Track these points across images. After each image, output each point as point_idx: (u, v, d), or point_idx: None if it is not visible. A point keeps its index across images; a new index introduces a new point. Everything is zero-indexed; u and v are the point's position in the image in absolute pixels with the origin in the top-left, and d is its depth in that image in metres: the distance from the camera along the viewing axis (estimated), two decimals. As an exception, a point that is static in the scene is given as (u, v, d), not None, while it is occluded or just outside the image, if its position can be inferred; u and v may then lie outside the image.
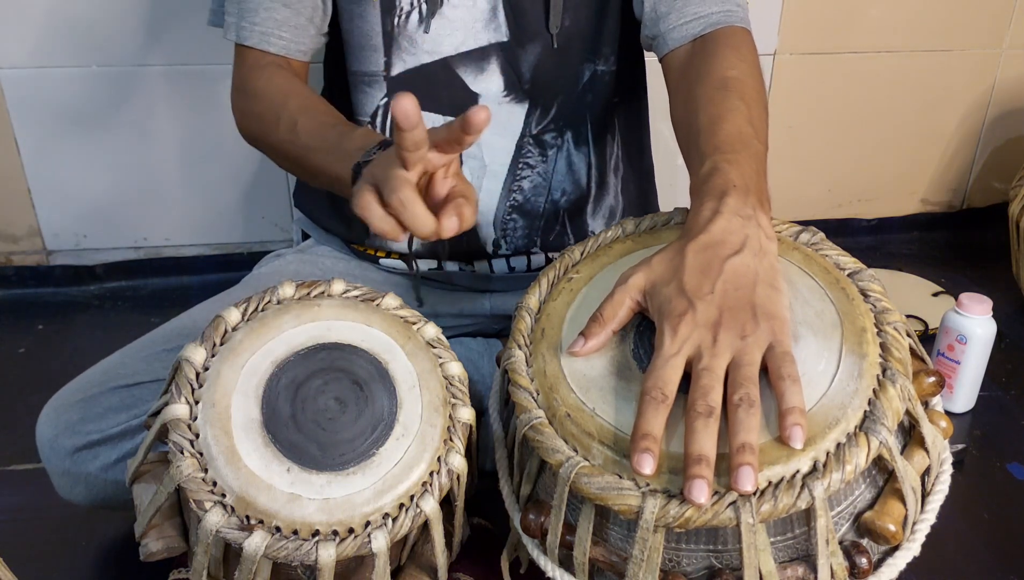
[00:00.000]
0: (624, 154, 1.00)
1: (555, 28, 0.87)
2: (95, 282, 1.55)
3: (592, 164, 0.97)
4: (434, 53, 0.89)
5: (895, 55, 1.60)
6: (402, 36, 0.89)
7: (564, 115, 0.93)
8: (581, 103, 0.93)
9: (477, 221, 0.94)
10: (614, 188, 1.00)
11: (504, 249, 0.97)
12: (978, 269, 1.61)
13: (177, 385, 0.62)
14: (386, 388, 0.65)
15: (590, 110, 0.94)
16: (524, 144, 0.93)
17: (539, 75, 0.90)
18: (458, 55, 0.89)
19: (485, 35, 0.88)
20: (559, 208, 0.97)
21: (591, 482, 0.57)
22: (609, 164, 0.99)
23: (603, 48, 0.92)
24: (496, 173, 0.93)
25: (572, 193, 0.97)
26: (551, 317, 0.68)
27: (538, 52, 0.89)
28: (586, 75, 0.93)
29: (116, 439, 0.83)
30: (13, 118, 1.40)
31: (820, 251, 0.68)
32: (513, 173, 0.94)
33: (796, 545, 0.59)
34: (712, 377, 0.56)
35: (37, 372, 1.31)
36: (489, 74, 0.90)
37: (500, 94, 0.90)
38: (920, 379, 0.64)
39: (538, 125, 0.92)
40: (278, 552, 0.58)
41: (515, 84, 0.90)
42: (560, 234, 0.98)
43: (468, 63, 0.89)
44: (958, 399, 1.18)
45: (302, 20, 0.87)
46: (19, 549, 0.92)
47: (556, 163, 0.95)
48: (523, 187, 0.94)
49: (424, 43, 0.89)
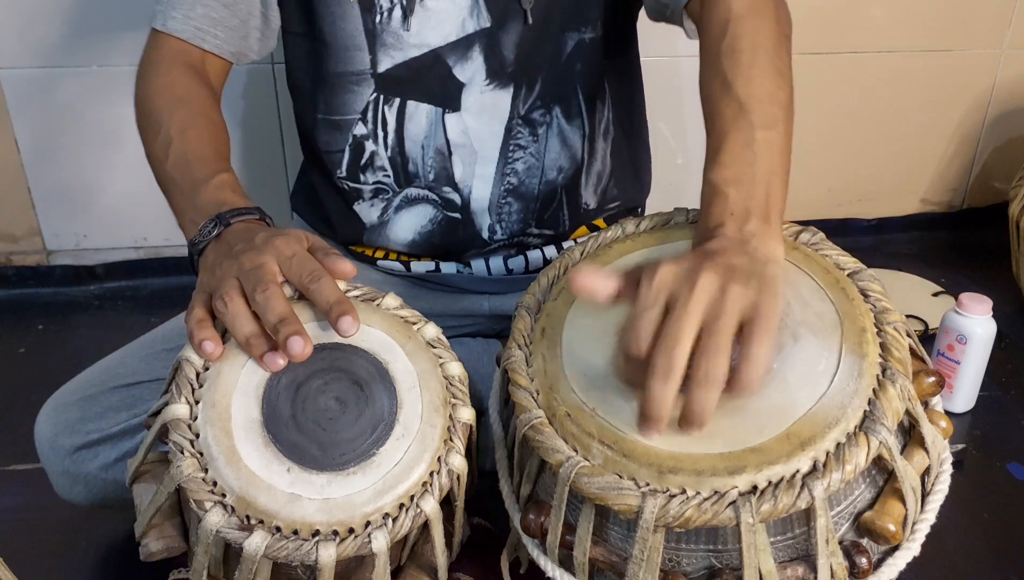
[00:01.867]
0: (615, 117, 0.98)
1: (528, 3, 0.86)
2: (95, 282, 1.56)
3: (586, 134, 0.95)
4: (422, 46, 0.88)
5: (895, 55, 1.60)
6: (386, 33, 0.88)
7: (549, 90, 0.91)
8: (568, 74, 0.92)
9: (472, 208, 0.94)
10: (602, 153, 0.98)
11: (500, 234, 0.96)
12: (978, 269, 1.61)
13: (177, 385, 0.62)
14: (386, 388, 0.65)
15: (581, 79, 0.93)
16: (513, 126, 0.92)
17: (521, 54, 0.89)
18: (446, 45, 0.88)
19: (471, 23, 0.87)
20: (555, 186, 0.96)
21: (591, 482, 0.57)
22: (599, 129, 0.97)
23: (589, 13, 0.90)
24: (488, 159, 0.92)
25: (568, 168, 0.95)
26: (551, 317, 0.68)
27: (519, 31, 0.88)
28: (570, 45, 0.91)
29: (116, 438, 0.83)
30: (13, 118, 1.40)
31: (820, 251, 0.68)
32: (504, 157, 0.93)
33: (796, 545, 0.59)
34: (679, 330, 0.52)
35: (37, 372, 1.31)
36: (472, 62, 0.89)
37: (483, 81, 0.90)
38: (920, 379, 0.64)
39: (525, 105, 0.91)
40: (278, 552, 0.58)
41: (498, 70, 0.89)
42: (556, 211, 0.97)
43: (455, 53, 0.89)
44: (958, 399, 1.18)
45: (236, 21, 0.87)
46: (19, 549, 0.93)
47: (547, 141, 0.93)
48: (516, 169, 0.93)
49: (410, 37, 0.88)
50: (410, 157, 0.93)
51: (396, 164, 0.93)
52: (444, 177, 0.93)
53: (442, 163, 0.92)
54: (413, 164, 0.93)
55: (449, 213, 0.95)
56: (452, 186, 0.93)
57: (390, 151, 0.92)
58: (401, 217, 0.96)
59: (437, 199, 0.94)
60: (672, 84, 1.51)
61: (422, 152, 0.92)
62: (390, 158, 0.93)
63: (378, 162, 0.93)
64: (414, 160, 0.93)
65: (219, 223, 0.69)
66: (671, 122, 1.54)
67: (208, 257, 0.68)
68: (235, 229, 0.69)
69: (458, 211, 0.94)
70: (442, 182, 0.93)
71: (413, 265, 0.99)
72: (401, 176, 0.94)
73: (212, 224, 0.69)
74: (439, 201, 0.94)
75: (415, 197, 0.95)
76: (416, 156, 0.92)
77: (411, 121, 0.91)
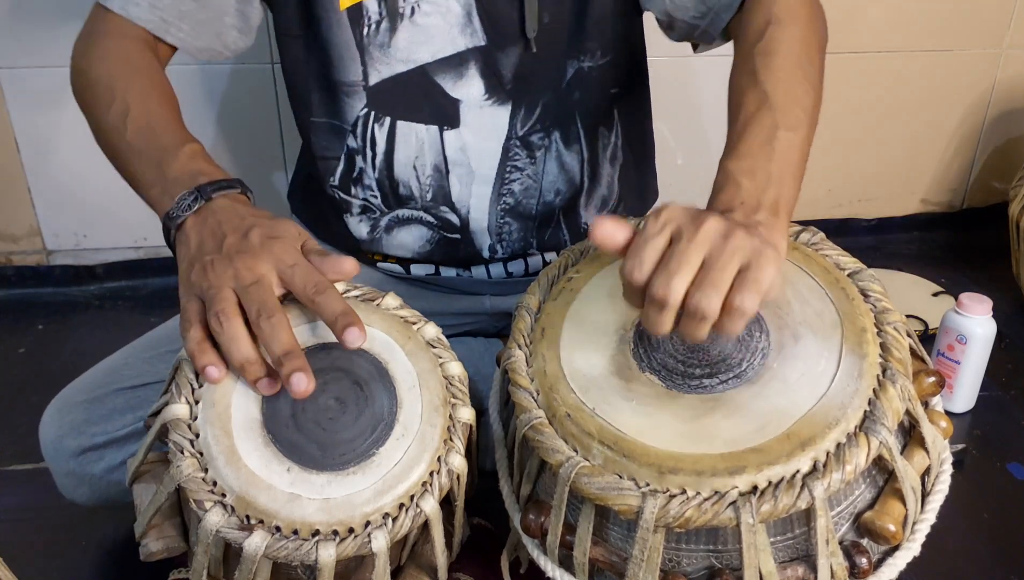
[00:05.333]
0: (625, 143, 0.98)
1: (532, 32, 0.85)
2: (95, 282, 1.55)
3: (585, 160, 0.95)
4: (409, 61, 0.86)
5: (895, 55, 1.60)
6: (372, 46, 0.86)
7: (550, 115, 0.91)
8: (567, 101, 0.91)
9: (471, 228, 0.94)
10: (608, 178, 0.98)
11: (501, 253, 0.96)
12: (978, 269, 1.61)
13: (177, 385, 0.62)
14: (386, 388, 0.65)
15: (580, 107, 0.92)
16: (511, 146, 0.91)
17: (520, 77, 0.88)
18: (435, 62, 0.87)
19: (462, 40, 0.86)
20: (553, 208, 0.95)
21: (591, 482, 0.57)
22: (604, 156, 0.97)
23: (587, 44, 0.89)
24: (485, 178, 0.92)
25: (566, 192, 0.95)
26: (551, 317, 0.68)
27: (517, 54, 0.87)
28: (570, 72, 0.90)
29: (122, 441, 0.83)
30: (13, 118, 1.40)
31: (820, 251, 0.68)
32: (502, 177, 0.92)
33: (796, 545, 0.59)
34: (681, 261, 0.54)
35: (37, 372, 1.31)
36: (469, 79, 0.87)
37: (482, 98, 0.88)
38: (920, 379, 0.64)
39: (523, 126, 0.90)
40: (278, 552, 0.58)
41: (496, 87, 0.88)
42: (555, 232, 0.97)
43: (447, 69, 0.87)
44: (958, 399, 1.18)
45: (206, 16, 0.83)
46: (19, 549, 0.93)
47: (545, 164, 0.93)
48: (513, 190, 0.93)
49: (397, 52, 0.86)
50: (400, 180, 0.91)
51: (384, 186, 0.92)
52: (442, 196, 0.92)
53: (439, 181, 0.91)
54: (405, 187, 0.92)
55: (448, 234, 0.94)
56: (450, 206, 0.92)
57: (378, 173, 0.91)
58: (394, 236, 0.95)
59: (432, 220, 0.93)
60: (673, 84, 1.50)
61: (415, 173, 0.91)
62: (378, 180, 0.92)
63: (366, 181, 0.93)
64: (405, 183, 0.92)
65: (200, 196, 0.66)
66: (671, 122, 1.54)
67: (189, 236, 0.65)
68: (218, 205, 0.66)
69: (457, 232, 0.94)
70: (439, 201, 0.92)
71: (413, 268, 0.99)
72: (390, 198, 0.93)
73: (191, 196, 0.66)
74: (435, 222, 0.94)
75: (406, 218, 0.94)
76: (407, 178, 0.91)
77: (403, 143, 0.90)
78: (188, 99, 1.39)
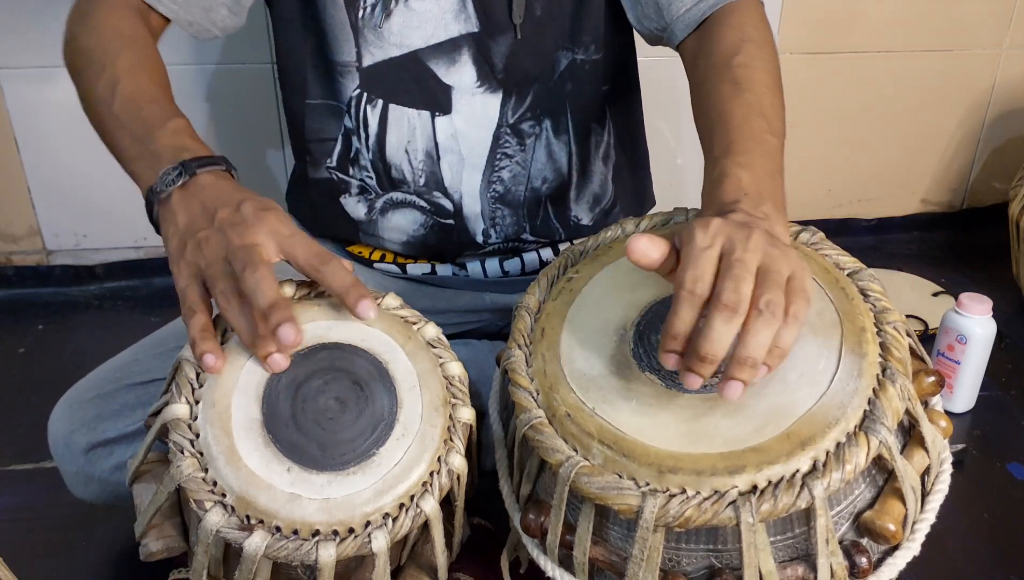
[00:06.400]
0: (617, 142, 0.99)
1: (518, 18, 0.86)
2: (95, 282, 1.56)
3: (573, 152, 0.95)
4: (402, 46, 0.87)
5: (895, 55, 1.60)
6: (367, 28, 0.87)
7: (541, 104, 0.91)
8: (559, 92, 0.92)
9: (464, 213, 0.94)
10: (600, 176, 0.99)
11: (495, 238, 0.96)
12: (978, 269, 1.61)
13: (177, 385, 0.62)
14: (386, 388, 0.65)
15: (571, 99, 0.93)
16: (501, 134, 0.91)
17: (512, 64, 0.89)
18: (428, 47, 0.87)
19: (456, 26, 0.87)
20: (540, 195, 0.96)
21: (591, 482, 0.57)
22: (596, 153, 0.97)
23: (582, 37, 0.90)
24: (475, 165, 0.92)
25: (553, 181, 0.96)
26: (551, 317, 0.68)
27: (509, 42, 0.88)
28: (563, 64, 0.91)
29: (131, 437, 0.83)
30: (13, 118, 1.40)
31: (820, 251, 0.68)
32: (492, 164, 0.92)
33: (796, 545, 0.59)
34: (744, 269, 0.54)
35: (37, 372, 1.31)
36: (461, 65, 0.88)
37: (474, 85, 0.89)
38: (920, 379, 0.64)
39: (514, 114, 0.91)
40: (278, 552, 0.58)
41: (488, 74, 0.89)
42: (545, 220, 0.97)
43: (439, 55, 0.88)
44: (958, 399, 1.18)
45: None
46: (19, 549, 0.93)
47: (535, 152, 0.93)
48: (503, 177, 0.93)
49: (391, 36, 0.87)
50: (392, 163, 0.92)
51: (378, 168, 0.93)
52: (434, 182, 0.93)
53: (431, 167, 0.92)
54: (397, 170, 0.92)
55: (442, 219, 0.94)
56: (442, 192, 0.93)
57: (371, 154, 0.92)
58: (389, 218, 0.95)
59: (426, 205, 0.94)
60: (672, 84, 1.50)
61: (407, 157, 0.91)
62: (371, 161, 0.93)
63: (362, 161, 0.93)
64: (397, 166, 0.92)
65: (184, 171, 0.65)
66: (671, 122, 1.54)
67: (176, 211, 0.64)
68: (203, 181, 0.65)
69: (451, 217, 0.94)
70: (432, 187, 0.93)
71: (409, 267, 0.99)
72: (384, 180, 0.93)
73: (176, 171, 0.65)
74: (428, 207, 0.94)
75: (400, 201, 0.94)
76: (399, 162, 0.92)
77: (395, 126, 0.90)
78: (188, 99, 1.40)
